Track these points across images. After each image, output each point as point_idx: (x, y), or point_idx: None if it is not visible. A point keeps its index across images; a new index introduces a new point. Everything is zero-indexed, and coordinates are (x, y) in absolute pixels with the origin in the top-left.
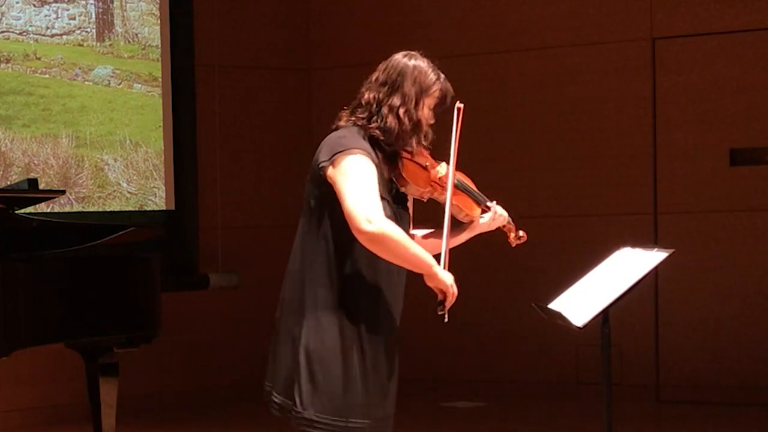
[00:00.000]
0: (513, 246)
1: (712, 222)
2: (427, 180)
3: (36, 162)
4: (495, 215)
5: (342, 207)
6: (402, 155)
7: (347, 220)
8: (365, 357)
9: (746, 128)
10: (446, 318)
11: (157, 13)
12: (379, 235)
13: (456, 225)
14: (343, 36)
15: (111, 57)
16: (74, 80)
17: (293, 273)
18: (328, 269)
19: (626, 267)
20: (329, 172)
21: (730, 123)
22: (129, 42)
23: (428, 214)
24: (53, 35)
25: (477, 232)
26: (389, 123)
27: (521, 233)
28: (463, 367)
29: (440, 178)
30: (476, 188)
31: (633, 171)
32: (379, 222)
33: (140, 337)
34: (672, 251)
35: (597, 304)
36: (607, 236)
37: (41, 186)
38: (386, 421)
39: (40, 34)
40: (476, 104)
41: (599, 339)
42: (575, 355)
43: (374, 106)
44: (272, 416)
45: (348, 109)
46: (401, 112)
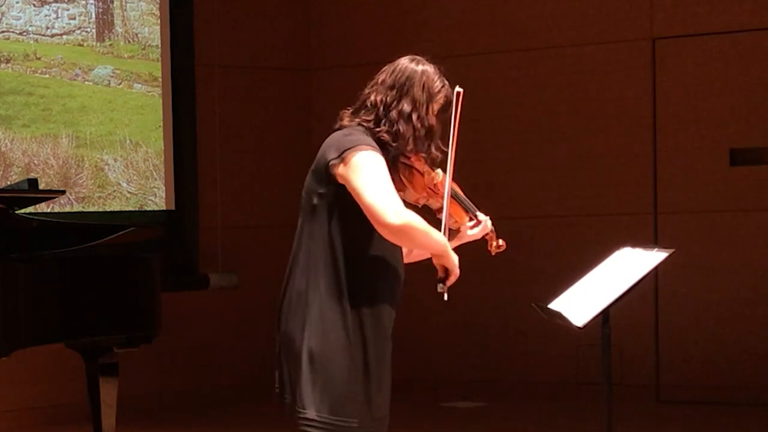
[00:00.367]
0: (492, 254)
1: (712, 222)
2: (424, 185)
3: (36, 162)
4: (484, 227)
5: (360, 202)
6: (401, 160)
7: (368, 215)
8: (367, 358)
9: (746, 128)
10: (446, 296)
11: (157, 13)
12: (406, 227)
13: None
14: (343, 36)
15: (111, 57)
16: (74, 80)
17: (294, 273)
18: (333, 270)
19: (626, 267)
20: (340, 170)
21: (730, 123)
22: (129, 42)
23: None
24: (53, 35)
25: (463, 241)
26: (401, 128)
27: (501, 242)
28: (463, 367)
29: (436, 185)
30: (466, 197)
31: (633, 171)
32: (404, 213)
33: (140, 337)
34: (672, 251)
35: (597, 304)
36: (607, 236)
37: (41, 186)
38: (383, 421)
39: (40, 34)
40: (476, 104)
41: (599, 339)
42: (575, 355)
43: (381, 110)
44: (272, 416)
45: (350, 110)
46: (414, 118)
